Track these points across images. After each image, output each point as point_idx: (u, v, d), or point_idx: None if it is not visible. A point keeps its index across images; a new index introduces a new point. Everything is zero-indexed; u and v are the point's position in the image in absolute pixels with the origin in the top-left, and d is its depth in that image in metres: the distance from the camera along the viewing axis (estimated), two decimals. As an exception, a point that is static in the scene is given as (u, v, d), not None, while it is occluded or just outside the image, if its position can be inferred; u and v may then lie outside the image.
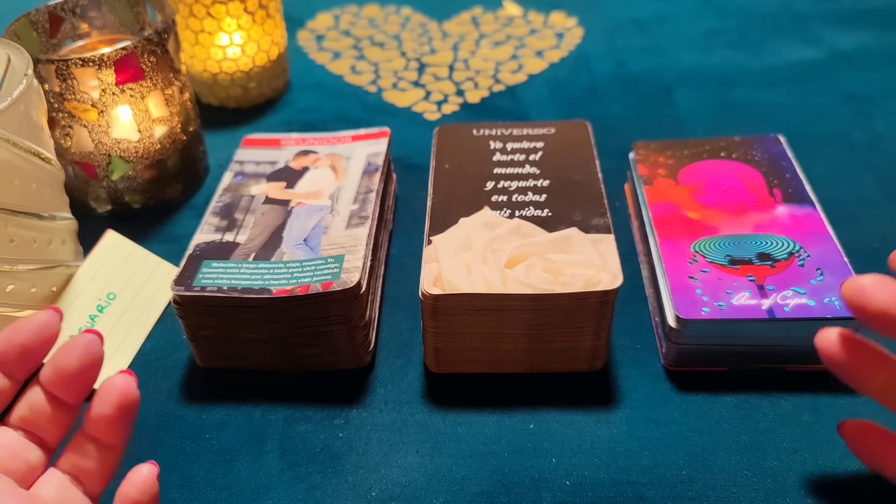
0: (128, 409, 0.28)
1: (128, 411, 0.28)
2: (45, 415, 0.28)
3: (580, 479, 0.33)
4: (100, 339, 0.28)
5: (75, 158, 0.46)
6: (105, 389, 0.28)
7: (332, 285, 0.35)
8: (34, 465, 0.28)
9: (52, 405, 0.28)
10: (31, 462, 0.28)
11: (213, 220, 0.40)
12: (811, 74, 0.60)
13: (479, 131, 0.45)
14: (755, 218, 0.40)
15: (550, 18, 0.71)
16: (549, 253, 0.36)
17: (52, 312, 0.28)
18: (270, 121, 0.58)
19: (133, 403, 0.28)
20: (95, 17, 0.49)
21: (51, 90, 0.43)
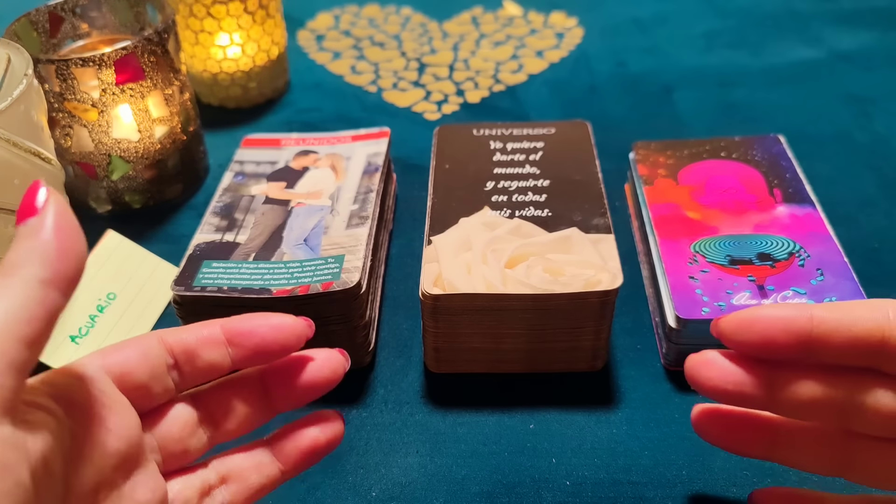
0: (319, 454, 0.27)
1: (317, 456, 0.27)
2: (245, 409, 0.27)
3: (580, 479, 0.33)
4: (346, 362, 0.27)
5: (75, 158, 0.46)
6: (307, 423, 0.27)
7: (332, 285, 0.35)
8: (192, 451, 0.26)
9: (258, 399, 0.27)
10: (190, 449, 0.26)
11: (213, 220, 0.40)
12: (812, 74, 0.60)
13: (479, 131, 0.45)
14: (755, 218, 0.40)
15: (550, 18, 0.71)
16: (549, 253, 0.36)
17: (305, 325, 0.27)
18: (270, 121, 0.58)
19: (328, 450, 0.27)
20: (96, 16, 0.49)
21: (51, 90, 0.43)
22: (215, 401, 0.27)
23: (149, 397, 0.25)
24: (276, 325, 0.26)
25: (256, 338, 0.26)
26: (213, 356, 0.26)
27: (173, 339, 0.26)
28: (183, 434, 0.26)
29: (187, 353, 0.26)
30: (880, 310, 0.24)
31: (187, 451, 0.26)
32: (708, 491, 0.32)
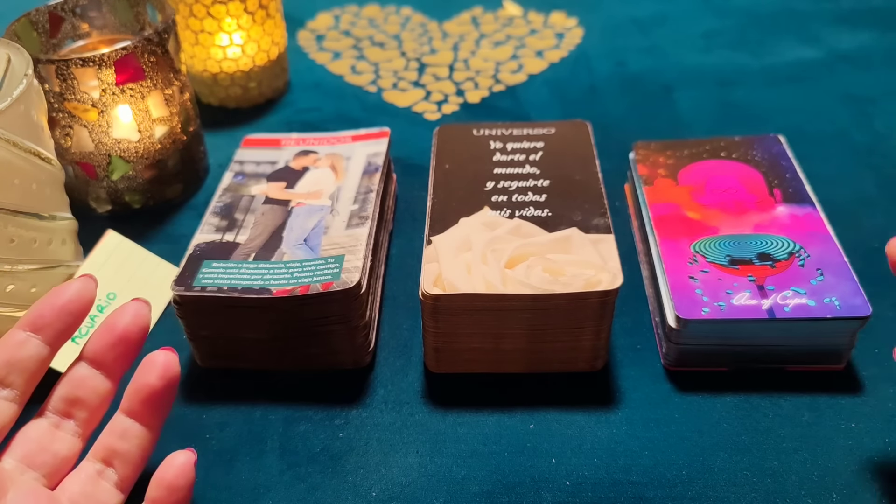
0: (170, 382, 0.28)
1: (170, 385, 0.28)
2: (86, 390, 0.28)
3: (580, 479, 0.33)
4: (148, 307, 0.29)
5: (75, 158, 0.46)
6: (149, 361, 0.29)
7: (333, 285, 0.35)
8: (64, 456, 0.28)
9: (94, 379, 0.28)
10: (60, 454, 0.28)
11: (213, 220, 0.40)
12: (811, 74, 0.60)
13: (479, 131, 0.45)
14: (755, 218, 0.40)
15: (550, 18, 0.71)
16: (549, 253, 0.36)
17: (87, 279, 0.29)
18: (270, 121, 0.58)
19: (175, 378, 0.29)
20: (96, 17, 0.49)
21: (51, 90, 0.43)
22: (59, 400, 0.29)
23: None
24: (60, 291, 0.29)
25: (55, 310, 0.28)
26: (29, 353, 0.28)
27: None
28: (43, 444, 0.28)
29: (6, 366, 0.27)
30: None
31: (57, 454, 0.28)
32: (708, 491, 0.32)
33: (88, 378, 0.29)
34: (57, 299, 0.28)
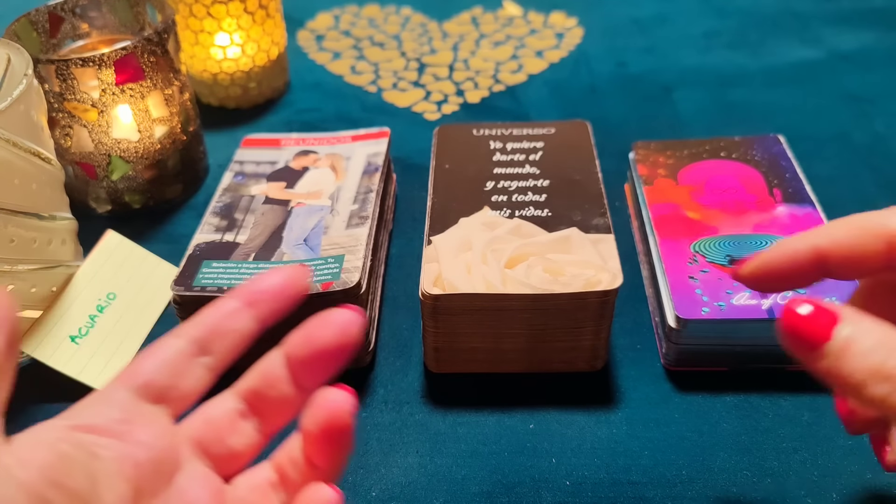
0: (336, 434, 0.23)
1: (335, 437, 0.23)
2: (277, 391, 0.25)
3: (580, 479, 0.33)
4: (362, 318, 0.25)
5: (75, 158, 0.46)
6: (316, 404, 0.24)
7: (332, 285, 0.35)
8: (238, 451, 0.25)
9: (287, 383, 0.25)
10: (234, 449, 0.25)
11: (212, 220, 0.40)
12: (811, 74, 0.60)
13: (479, 131, 0.45)
14: (755, 218, 0.40)
15: (550, 18, 0.71)
16: (549, 253, 0.36)
17: (304, 268, 0.27)
18: (270, 121, 0.58)
19: (342, 430, 0.23)
20: (95, 16, 0.49)
21: (51, 90, 0.43)
22: (250, 391, 0.26)
23: (181, 396, 0.25)
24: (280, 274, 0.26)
25: (273, 289, 0.26)
26: (237, 325, 0.25)
27: (190, 327, 0.25)
28: (221, 434, 0.25)
29: (210, 333, 0.25)
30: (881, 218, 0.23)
31: (231, 449, 0.25)
32: (708, 491, 0.32)
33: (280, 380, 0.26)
34: (275, 280, 0.26)
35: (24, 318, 0.38)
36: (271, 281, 0.26)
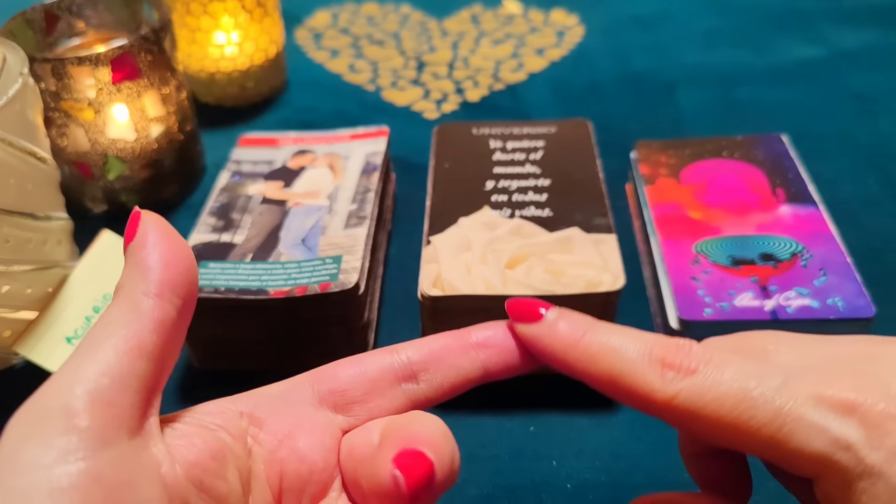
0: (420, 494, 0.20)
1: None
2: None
3: (581, 482, 0.32)
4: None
5: (71, 158, 0.45)
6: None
7: (331, 286, 0.35)
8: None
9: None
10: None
11: (209, 221, 0.40)
12: (815, 73, 0.60)
13: (479, 130, 0.45)
14: (758, 218, 0.40)
15: (551, 16, 0.71)
16: (550, 253, 0.36)
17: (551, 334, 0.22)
18: (268, 120, 0.58)
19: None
20: (91, 15, 0.49)
21: (47, 89, 0.42)
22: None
23: (367, 414, 0.22)
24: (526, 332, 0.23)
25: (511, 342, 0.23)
26: (462, 363, 0.23)
27: (411, 350, 0.23)
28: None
29: (428, 360, 0.23)
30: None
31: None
32: (711, 495, 0.31)
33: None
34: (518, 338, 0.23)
35: (19, 320, 0.37)
36: (512, 336, 0.23)
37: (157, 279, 0.20)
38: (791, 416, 0.19)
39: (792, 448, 0.19)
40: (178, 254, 0.20)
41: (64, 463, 0.16)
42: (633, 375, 0.20)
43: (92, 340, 0.19)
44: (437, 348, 0.23)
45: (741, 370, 0.20)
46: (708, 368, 0.20)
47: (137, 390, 0.18)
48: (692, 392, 0.20)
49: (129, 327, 0.19)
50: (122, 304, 0.19)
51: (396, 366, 0.23)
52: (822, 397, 0.19)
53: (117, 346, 0.18)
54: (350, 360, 0.23)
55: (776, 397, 0.19)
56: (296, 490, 0.21)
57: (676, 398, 0.20)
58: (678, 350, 0.20)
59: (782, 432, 0.19)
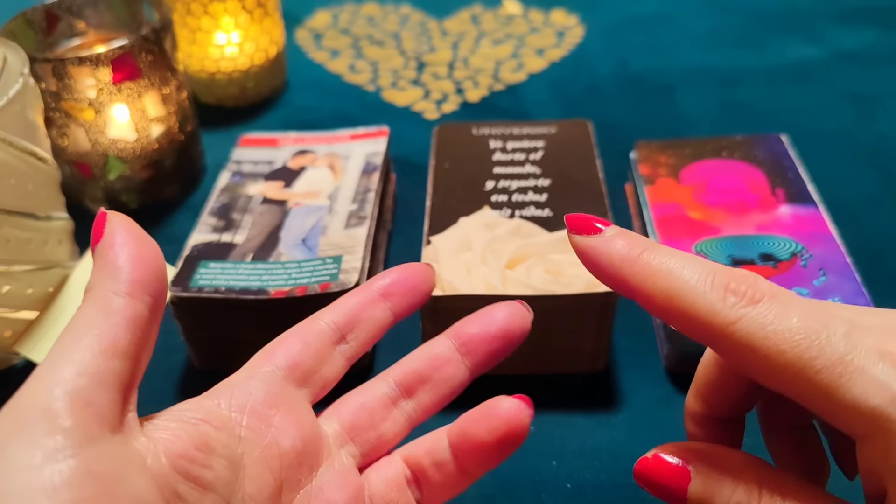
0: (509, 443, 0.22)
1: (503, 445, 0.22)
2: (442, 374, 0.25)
3: (581, 481, 0.32)
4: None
5: (72, 158, 0.45)
6: (488, 413, 0.23)
7: (331, 286, 0.35)
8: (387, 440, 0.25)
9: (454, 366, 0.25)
10: (385, 437, 0.24)
11: (210, 221, 0.40)
12: (814, 73, 0.60)
13: (479, 130, 0.45)
14: (757, 218, 0.40)
15: (551, 16, 0.71)
16: (550, 253, 0.36)
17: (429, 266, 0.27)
18: (268, 120, 0.58)
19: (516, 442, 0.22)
20: (92, 15, 0.49)
21: (47, 89, 0.42)
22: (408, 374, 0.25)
23: (322, 382, 0.25)
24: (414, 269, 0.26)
25: (409, 281, 0.26)
26: (376, 314, 0.25)
27: (332, 314, 0.25)
28: (374, 419, 0.25)
29: (350, 321, 0.25)
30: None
31: (382, 436, 0.25)
32: (710, 494, 0.31)
33: (450, 362, 0.25)
34: (409, 275, 0.26)
35: (20, 320, 0.37)
36: (406, 275, 0.26)
37: (127, 278, 0.20)
38: (853, 365, 0.18)
39: (849, 399, 0.18)
40: (147, 252, 0.21)
41: (53, 461, 0.17)
42: (693, 296, 0.19)
43: (66, 341, 0.19)
44: (352, 307, 0.25)
45: (807, 310, 0.19)
46: (773, 302, 0.19)
47: (115, 388, 0.19)
48: (754, 321, 0.18)
49: (102, 327, 0.19)
50: (93, 304, 0.20)
51: (328, 331, 0.25)
52: (888, 353, 0.18)
53: (92, 345, 0.19)
54: (292, 333, 0.25)
55: (841, 343, 0.18)
56: (294, 465, 0.22)
57: (737, 324, 0.19)
58: (744, 278, 0.19)
59: (842, 380, 0.18)
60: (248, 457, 0.21)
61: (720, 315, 0.19)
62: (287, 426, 0.22)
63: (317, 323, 0.25)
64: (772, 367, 0.18)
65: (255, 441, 0.22)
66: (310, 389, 0.24)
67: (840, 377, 0.18)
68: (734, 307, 0.19)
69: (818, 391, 0.18)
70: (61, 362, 0.18)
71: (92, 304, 0.20)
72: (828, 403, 0.18)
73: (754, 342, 0.18)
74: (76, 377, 0.18)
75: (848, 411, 0.18)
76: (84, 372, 0.18)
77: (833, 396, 0.18)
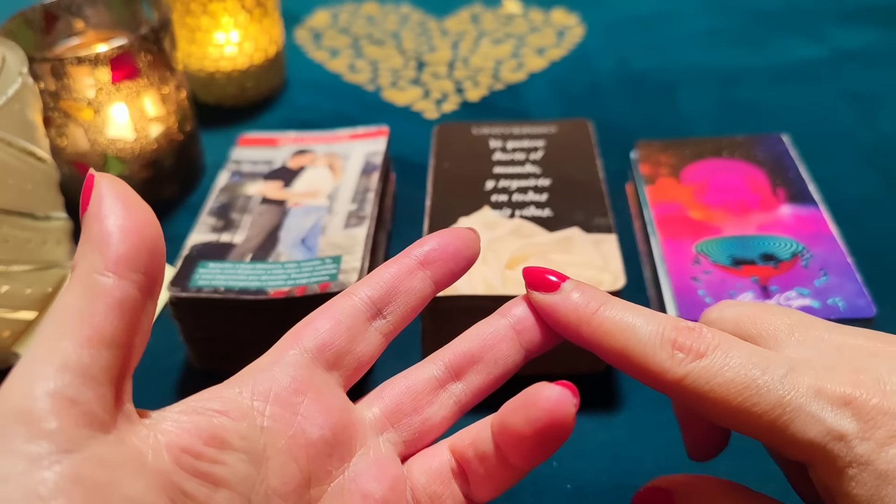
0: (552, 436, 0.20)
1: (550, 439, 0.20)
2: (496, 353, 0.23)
3: (582, 483, 0.32)
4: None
5: (70, 158, 0.45)
6: (527, 402, 0.20)
7: (330, 286, 0.35)
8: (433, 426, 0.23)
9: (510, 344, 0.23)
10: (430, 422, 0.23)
11: (209, 221, 0.40)
12: (815, 73, 0.60)
13: (479, 130, 0.45)
14: (758, 218, 0.40)
15: (551, 16, 0.70)
16: (550, 253, 0.35)
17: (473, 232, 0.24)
18: (267, 119, 0.58)
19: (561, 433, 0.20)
20: (91, 14, 0.49)
21: (46, 89, 0.42)
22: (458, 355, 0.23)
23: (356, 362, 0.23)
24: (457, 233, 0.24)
25: (450, 247, 0.24)
26: (415, 285, 0.23)
27: (367, 288, 0.23)
28: (419, 403, 0.23)
29: (387, 293, 0.23)
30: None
31: (427, 420, 0.23)
32: (711, 495, 0.31)
33: (506, 340, 0.23)
34: (451, 240, 0.24)
35: (18, 320, 0.37)
36: (447, 240, 0.24)
37: (113, 254, 0.17)
38: (791, 405, 0.19)
39: (790, 435, 0.20)
40: (137, 221, 0.18)
41: (38, 469, 0.15)
42: (644, 354, 0.21)
43: (47, 332, 0.17)
44: (389, 279, 0.23)
45: (748, 358, 0.20)
46: (716, 353, 0.20)
47: (103, 382, 0.17)
48: (700, 375, 0.20)
49: (84, 312, 0.17)
50: (76, 285, 0.17)
51: (362, 307, 0.23)
52: (822, 390, 0.20)
53: (74, 335, 0.17)
54: (321, 312, 0.23)
55: (779, 387, 0.20)
56: (324, 455, 0.21)
57: (685, 379, 0.20)
58: (689, 333, 0.21)
59: (782, 420, 0.19)
60: (271, 448, 0.20)
61: (669, 372, 0.21)
62: (315, 414, 0.21)
63: (349, 298, 0.23)
64: (720, 412, 0.20)
65: (280, 431, 0.20)
66: (342, 372, 0.22)
67: (780, 418, 0.20)
68: (682, 363, 0.20)
69: (763, 430, 0.20)
70: (41, 357, 0.16)
71: (74, 287, 0.17)
72: (774, 439, 0.20)
73: (702, 393, 0.20)
74: (58, 373, 0.16)
75: (792, 445, 0.20)
76: (67, 366, 0.16)
77: (777, 434, 0.20)
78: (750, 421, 0.20)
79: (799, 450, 0.20)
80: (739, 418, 0.20)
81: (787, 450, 0.20)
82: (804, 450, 0.20)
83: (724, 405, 0.20)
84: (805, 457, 0.20)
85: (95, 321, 0.17)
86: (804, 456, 0.20)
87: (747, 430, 0.20)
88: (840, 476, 0.19)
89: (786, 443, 0.20)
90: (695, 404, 0.21)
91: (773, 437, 0.20)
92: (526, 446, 0.21)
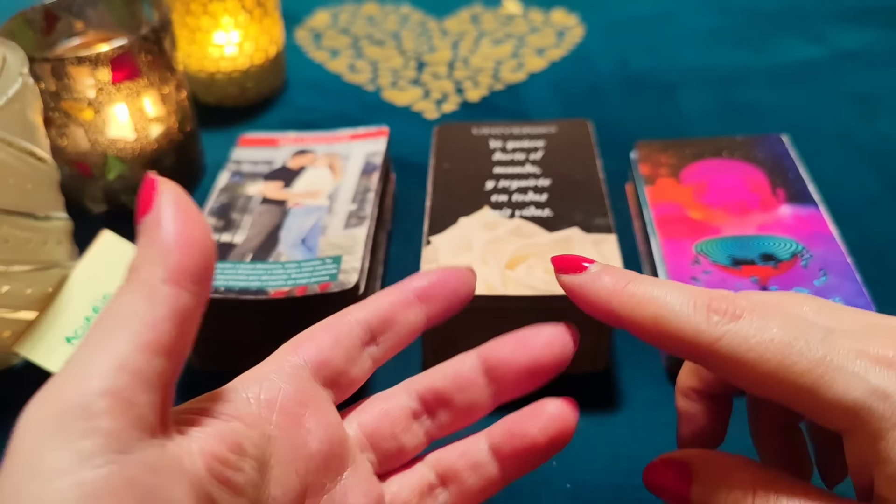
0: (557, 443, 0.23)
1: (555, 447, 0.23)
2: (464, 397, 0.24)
3: (581, 482, 0.32)
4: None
5: (71, 158, 0.45)
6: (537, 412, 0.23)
7: (330, 286, 0.35)
8: (406, 451, 0.24)
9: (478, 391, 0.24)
10: (404, 448, 0.24)
11: (209, 221, 0.40)
12: (815, 73, 0.60)
13: (479, 130, 0.45)
14: (758, 218, 0.40)
15: (551, 16, 0.71)
16: (550, 253, 0.35)
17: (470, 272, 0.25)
18: (268, 120, 0.58)
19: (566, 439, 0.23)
20: (91, 15, 0.49)
21: (46, 89, 0.42)
22: (430, 391, 0.24)
23: (348, 384, 0.23)
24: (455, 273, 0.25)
25: (448, 285, 0.25)
26: (409, 318, 0.24)
27: (365, 313, 0.24)
28: (396, 429, 0.24)
29: (383, 322, 0.24)
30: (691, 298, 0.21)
31: (402, 447, 0.24)
32: (711, 495, 0.31)
33: (475, 386, 0.24)
34: (448, 278, 0.25)
35: (19, 320, 0.37)
36: (445, 278, 0.25)
37: (175, 264, 0.18)
38: (833, 365, 0.19)
39: (832, 396, 0.19)
40: (197, 234, 0.18)
41: (91, 467, 0.15)
42: (678, 320, 0.21)
43: (106, 330, 0.17)
44: (387, 307, 0.24)
45: (785, 321, 0.20)
46: (753, 316, 0.20)
47: (157, 387, 0.17)
48: (737, 336, 0.20)
49: (145, 318, 0.17)
50: (136, 290, 0.18)
51: (359, 331, 0.24)
52: (864, 351, 0.19)
53: (133, 339, 0.17)
54: (322, 328, 0.24)
55: (820, 347, 0.19)
56: (320, 468, 0.21)
57: (722, 340, 0.20)
58: (723, 298, 0.21)
59: (823, 379, 0.19)
60: (274, 457, 0.20)
61: (705, 334, 0.20)
62: (316, 427, 0.21)
63: (347, 319, 0.24)
64: (757, 375, 0.20)
65: (284, 441, 0.20)
66: (335, 391, 0.23)
67: (821, 377, 0.19)
68: (718, 325, 0.20)
69: (802, 393, 0.19)
70: (99, 355, 0.17)
71: (135, 291, 0.18)
72: (812, 403, 0.19)
73: (739, 354, 0.20)
74: (117, 373, 0.16)
75: (831, 408, 0.19)
76: (125, 367, 0.16)
77: (816, 395, 0.19)
78: (788, 382, 0.19)
79: (839, 413, 0.19)
80: (777, 380, 0.19)
81: (826, 414, 0.19)
82: (845, 412, 0.19)
83: (761, 367, 0.19)
84: (845, 421, 0.19)
85: (156, 328, 0.17)
86: (844, 420, 0.19)
87: (784, 394, 0.20)
88: (882, 439, 0.18)
89: (826, 406, 0.19)
90: (730, 368, 0.20)
91: (812, 400, 0.19)
92: (533, 453, 0.23)
